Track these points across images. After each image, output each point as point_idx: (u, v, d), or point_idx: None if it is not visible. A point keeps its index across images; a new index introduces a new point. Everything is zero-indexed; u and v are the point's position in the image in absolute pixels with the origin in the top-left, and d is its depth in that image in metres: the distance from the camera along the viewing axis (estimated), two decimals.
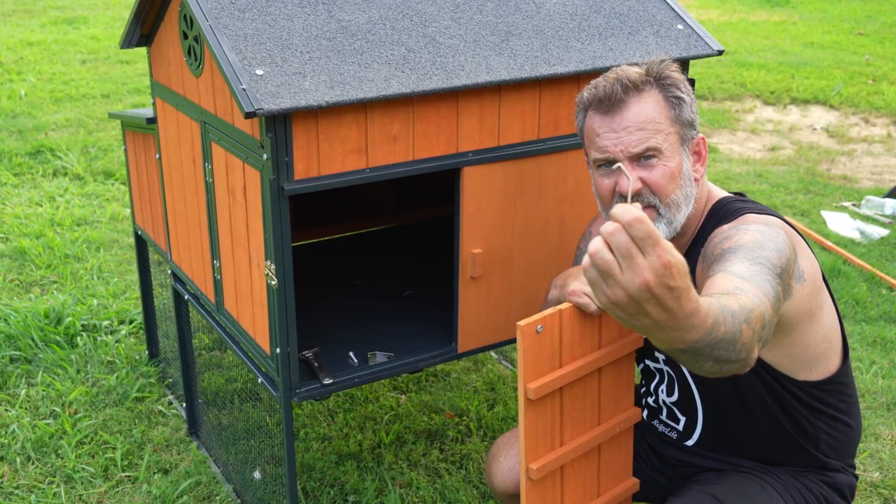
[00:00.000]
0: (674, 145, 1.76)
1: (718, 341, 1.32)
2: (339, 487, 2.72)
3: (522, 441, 1.70)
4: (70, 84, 7.22)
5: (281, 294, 1.97)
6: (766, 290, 1.51)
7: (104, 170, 5.37)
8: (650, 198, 1.76)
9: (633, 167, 1.76)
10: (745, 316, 1.38)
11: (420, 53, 1.99)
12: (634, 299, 1.17)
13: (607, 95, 1.75)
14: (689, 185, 1.79)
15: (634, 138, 1.74)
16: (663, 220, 1.78)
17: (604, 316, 1.78)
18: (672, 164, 1.76)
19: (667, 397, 1.98)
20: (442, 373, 3.33)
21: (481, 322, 2.23)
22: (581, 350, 1.74)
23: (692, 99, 1.80)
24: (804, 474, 1.88)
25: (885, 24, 10.29)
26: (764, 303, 1.47)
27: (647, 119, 1.74)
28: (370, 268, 2.86)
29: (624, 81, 1.75)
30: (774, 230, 1.67)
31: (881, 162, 5.92)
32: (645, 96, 1.76)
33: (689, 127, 1.79)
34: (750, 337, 1.39)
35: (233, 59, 1.83)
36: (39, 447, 2.87)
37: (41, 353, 3.35)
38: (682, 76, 1.80)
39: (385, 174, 1.98)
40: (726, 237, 1.68)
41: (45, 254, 4.20)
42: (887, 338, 3.56)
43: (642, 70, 1.78)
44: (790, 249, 1.66)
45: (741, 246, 1.62)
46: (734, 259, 1.58)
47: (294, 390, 2.08)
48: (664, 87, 1.77)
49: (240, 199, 2.06)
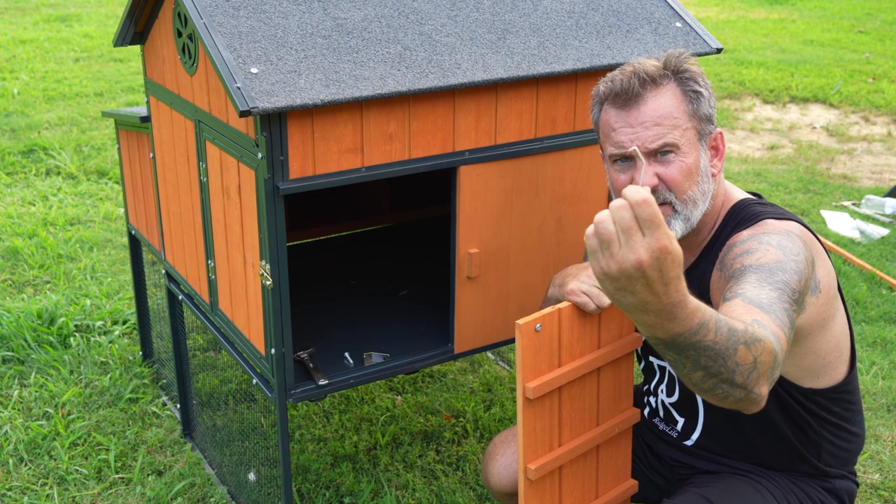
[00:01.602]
0: (691, 141, 1.73)
1: (704, 347, 1.33)
2: (334, 489, 2.70)
3: (521, 441, 1.69)
4: (63, 82, 7.20)
5: (276, 294, 1.95)
6: (783, 323, 1.50)
7: (97, 169, 5.34)
8: (666, 194, 1.74)
9: (650, 163, 1.73)
10: (748, 340, 1.36)
11: (416, 51, 1.98)
12: (626, 274, 1.21)
13: (624, 89, 1.72)
14: (706, 181, 1.76)
15: (651, 134, 1.71)
16: (679, 217, 1.75)
17: (603, 316, 1.76)
18: (689, 160, 1.73)
19: (666, 397, 1.96)
20: (438, 374, 3.31)
21: (478, 322, 2.22)
22: (580, 349, 1.74)
23: (710, 93, 1.77)
24: (802, 479, 1.86)
25: (886, 21, 10.30)
26: (779, 340, 1.45)
27: (665, 114, 1.71)
28: (366, 268, 2.85)
29: (641, 75, 1.72)
30: (794, 243, 1.65)
31: (881, 161, 5.92)
32: (662, 90, 1.72)
33: (706, 122, 1.76)
34: (750, 362, 1.36)
35: (227, 58, 1.82)
36: (32, 448, 2.85)
37: (34, 354, 3.33)
38: (700, 69, 1.77)
39: (381, 173, 1.97)
40: (747, 251, 1.65)
41: (37, 254, 4.18)
42: (887, 338, 3.55)
43: (660, 63, 1.74)
44: (808, 265, 1.64)
45: (761, 266, 1.60)
46: (754, 281, 1.57)
47: (289, 391, 2.06)
48: (682, 81, 1.74)
49: (234, 198, 2.05)
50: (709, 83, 1.78)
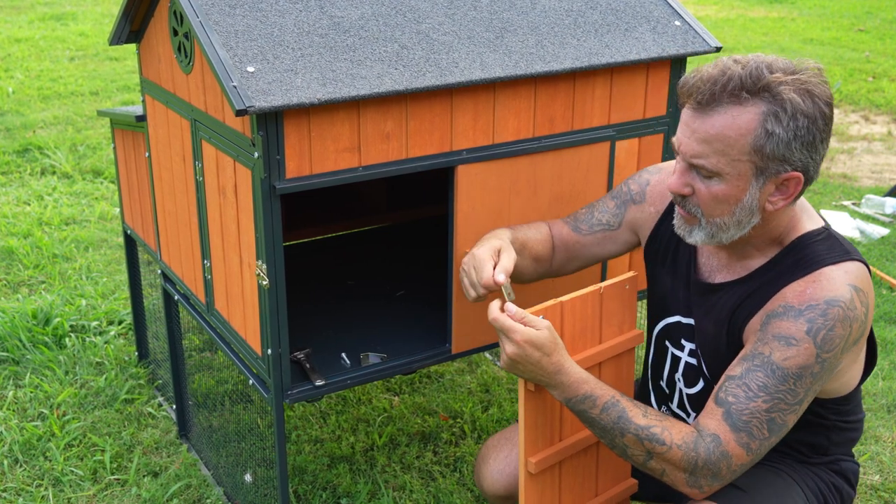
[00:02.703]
0: (742, 173, 1.59)
1: (591, 419, 1.66)
2: (331, 490, 2.69)
3: (522, 435, 1.71)
4: (58, 81, 7.18)
5: (272, 294, 1.94)
6: (758, 436, 1.60)
7: (93, 168, 5.33)
8: (694, 208, 1.67)
9: (688, 171, 1.65)
10: (645, 435, 1.61)
11: (413, 50, 1.97)
12: (509, 359, 1.66)
13: (699, 92, 1.58)
14: (746, 213, 1.63)
15: (697, 149, 1.61)
16: (703, 230, 1.68)
17: (604, 311, 1.77)
18: (728, 189, 1.61)
19: (685, 387, 1.92)
20: (436, 374, 3.30)
21: (475, 322, 2.21)
22: (582, 344, 1.75)
23: (804, 133, 1.56)
24: (814, 466, 1.86)
25: (886, 20, 10.30)
26: (718, 455, 1.59)
27: (719, 136, 1.57)
28: (363, 268, 2.84)
29: (724, 84, 1.56)
30: (840, 327, 1.58)
31: (881, 160, 5.90)
32: (738, 110, 1.56)
33: (776, 161, 1.58)
34: (642, 452, 1.61)
35: (223, 56, 1.81)
36: (27, 450, 2.84)
37: (29, 355, 3.31)
38: (807, 104, 1.55)
39: (378, 173, 1.96)
40: (786, 339, 1.59)
41: (32, 253, 4.16)
42: (888, 339, 3.53)
43: (763, 76, 1.55)
44: (839, 355, 1.62)
45: (778, 369, 1.59)
46: (758, 382, 1.59)
47: (285, 392, 2.06)
48: (766, 113, 1.55)
49: (230, 197, 2.04)
50: (811, 121, 1.56)
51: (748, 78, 1.55)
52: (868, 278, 1.67)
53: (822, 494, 1.83)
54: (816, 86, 1.56)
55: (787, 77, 1.56)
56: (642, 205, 1.97)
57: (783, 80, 1.55)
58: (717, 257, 1.81)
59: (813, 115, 1.56)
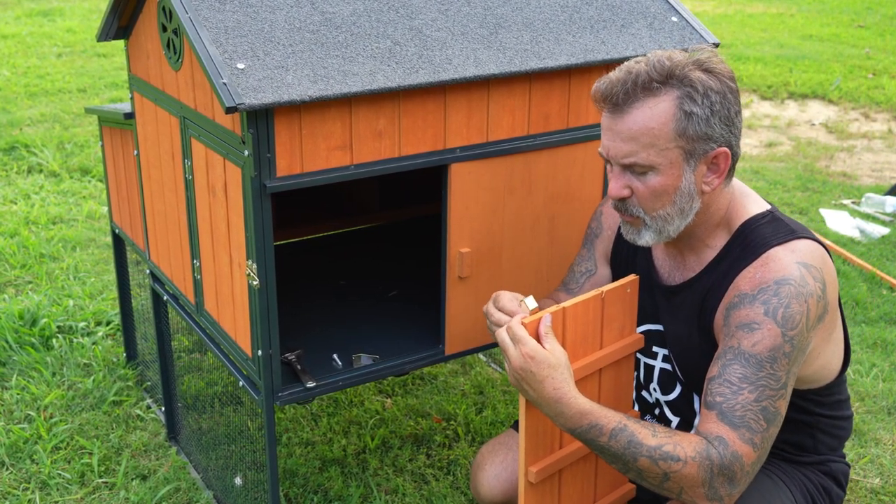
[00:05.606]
0: (673, 160, 1.65)
1: (600, 447, 1.60)
2: (322, 494, 2.66)
3: (522, 444, 1.69)
4: (45, 78, 7.14)
5: (263, 294, 1.92)
6: (757, 428, 1.58)
7: (80, 166, 5.29)
8: (635, 209, 1.71)
9: (624, 173, 1.69)
10: (658, 455, 1.55)
11: (406, 46, 1.95)
12: (514, 376, 1.61)
13: (612, 94, 1.64)
14: (686, 199, 1.68)
15: (625, 149, 1.66)
16: (650, 229, 1.72)
17: (605, 315, 1.75)
18: (665, 179, 1.66)
19: (662, 395, 1.93)
20: (429, 376, 3.28)
21: (469, 323, 2.20)
22: (583, 350, 1.74)
23: (713, 110, 1.62)
24: (803, 466, 1.88)
25: (886, 16, 10.31)
26: (730, 457, 1.56)
27: (643, 130, 1.63)
28: (355, 267, 2.82)
29: (633, 79, 1.62)
30: (795, 303, 1.61)
31: (881, 158, 5.89)
32: (653, 101, 1.62)
33: (700, 140, 1.64)
34: (658, 474, 1.56)
35: (213, 53, 1.79)
36: (14, 452, 2.81)
37: (15, 356, 3.28)
38: (713, 81, 1.63)
39: (370, 171, 1.94)
40: (748, 325, 1.62)
41: (19, 253, 4.13)
42: (888, 339, 3.51)
43: (666, 65, 1.62)
44: (806, 329, 1.63)
45: (752, 357, 1.60)
46: (737, 375, 1.60)
47: (276, 394, 2.04)
48: (681, 94, 1.62)
49: (220, 196, 2.02)
50: (721, 96, 1.64)
51: (654, 70, 1.62)
52: (821, 254, 1.69)
53: (810, 495, 1.84)
54: (717, 64, 1.65)
55: (688, 61, 1.64)
56: (602, 234, 2.04)
57: (686, 64, 1.63)
58: (673, 258, 1.85)
59: (722, 90, 1.64)
